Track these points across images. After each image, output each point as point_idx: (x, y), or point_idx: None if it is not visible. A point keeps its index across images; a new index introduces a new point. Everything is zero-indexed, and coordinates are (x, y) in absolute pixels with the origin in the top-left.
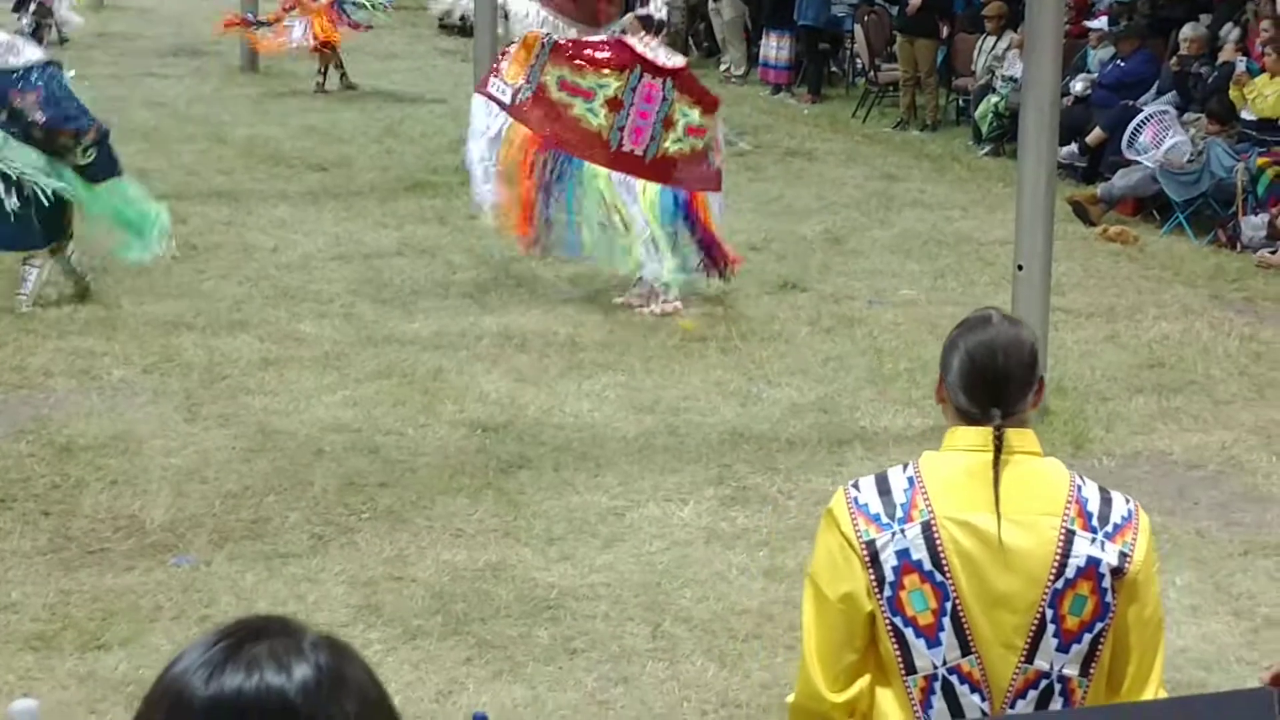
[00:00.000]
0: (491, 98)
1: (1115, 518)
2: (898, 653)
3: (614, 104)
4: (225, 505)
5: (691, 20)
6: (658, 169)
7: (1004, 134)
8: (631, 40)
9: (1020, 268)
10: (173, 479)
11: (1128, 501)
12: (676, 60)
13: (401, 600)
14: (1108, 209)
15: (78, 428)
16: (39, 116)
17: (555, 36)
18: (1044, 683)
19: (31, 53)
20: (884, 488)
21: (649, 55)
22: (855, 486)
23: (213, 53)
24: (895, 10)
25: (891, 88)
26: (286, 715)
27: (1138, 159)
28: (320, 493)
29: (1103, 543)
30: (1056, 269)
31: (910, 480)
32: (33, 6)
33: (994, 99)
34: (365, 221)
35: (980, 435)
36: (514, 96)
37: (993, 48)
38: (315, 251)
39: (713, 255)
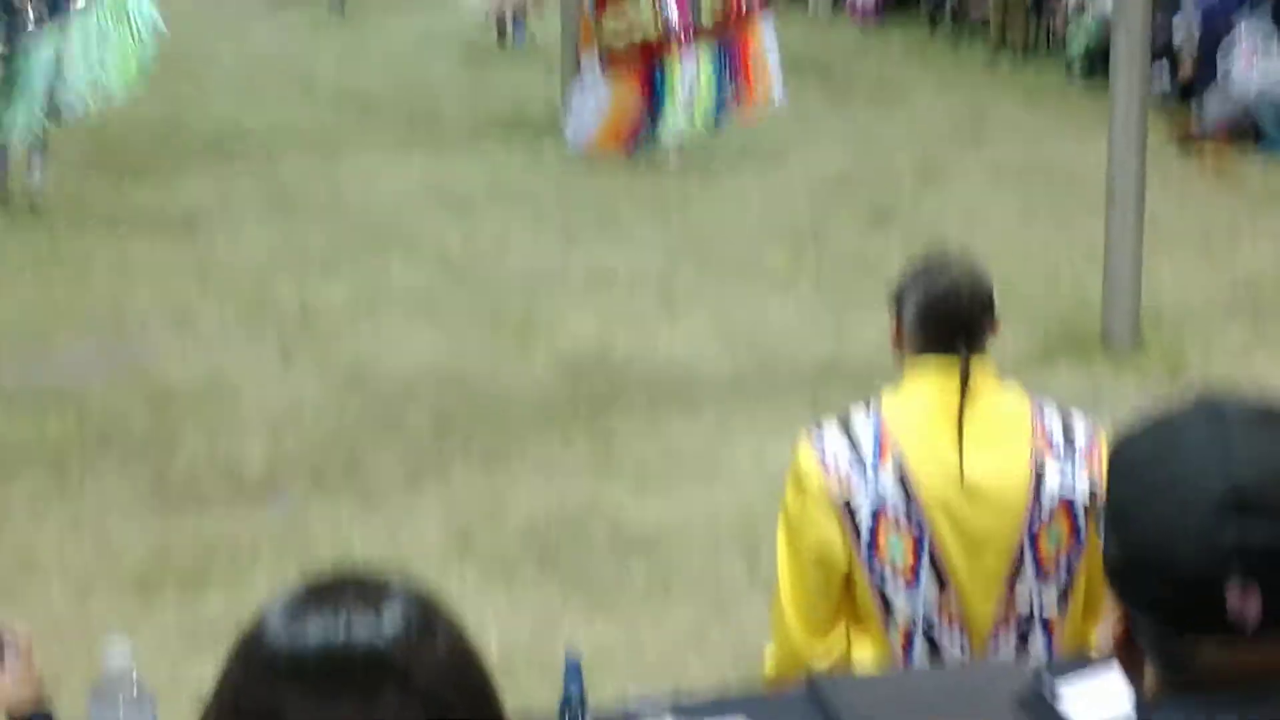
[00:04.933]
0: (588, 77)
1: (1080, 441)
2: (878, 601)
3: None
4: (321, 448)
5: None
6: (709, 31)
7: (1096, 62)
8: None
9: (1112, 195)
10: (268, 423)
11: (1086, 423)
12: None
13: (496, 540)
14: (1204, 136)
15: (174, 373)
16: None
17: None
18: (1024, 617)
19: None
20: (849, 435)
21: None
22: (820, 437)
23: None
24: None
25: (982, 24)
26: (378, 664)
27: (1230, 85)
28: (414, 434)
29: (1074, 472)
30: (1150, 195)
31: (876, 425)
32: None
33: (1086, 27)
34: (454, 164)
35: (940, 373)
36: (601, 62)
37: None
38: (405, 195)
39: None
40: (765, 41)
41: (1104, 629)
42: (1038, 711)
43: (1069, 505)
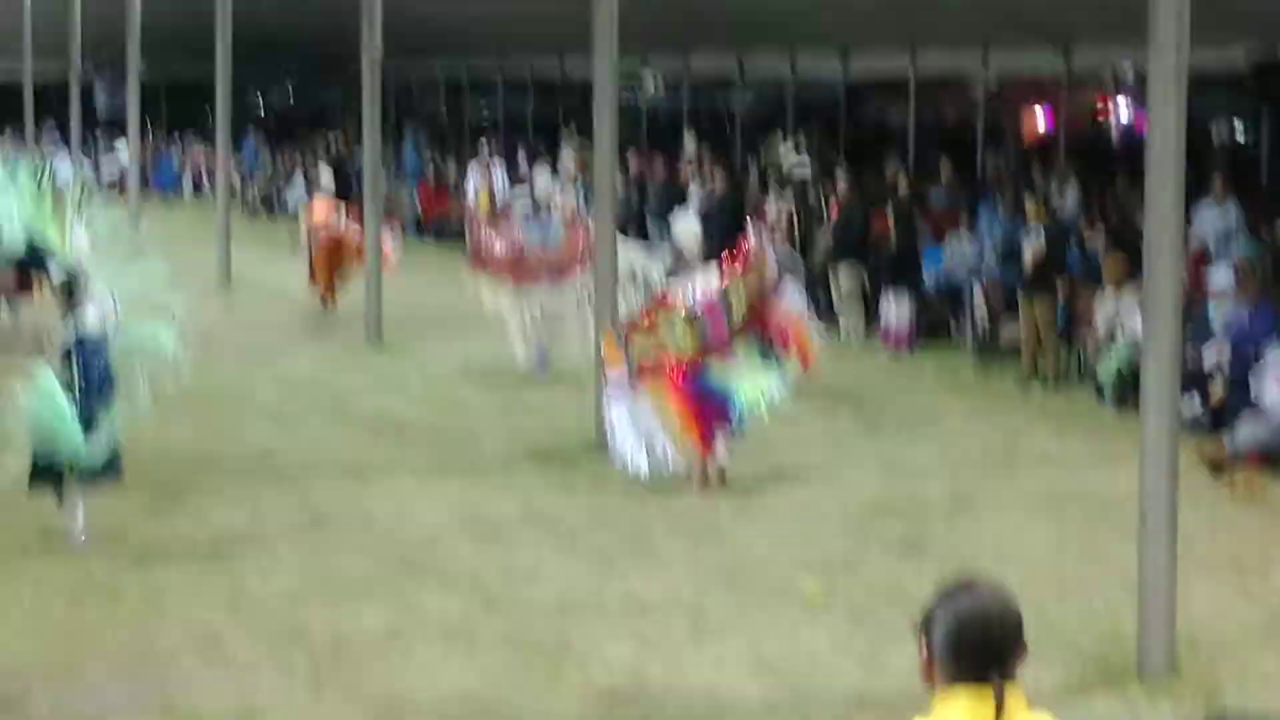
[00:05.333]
0: (618, 397)
1: None
2: None
3: (690, 321)
4: None
5: (811, 288)
6: (744, 330)
7: (1128, 389)
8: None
9: (1145, 522)
10: None
11: None
12: (709, 274)
13: None
14: (1236, 462)
15: (203, 705)
16: None
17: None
18: None
19: None
20: None
21: (687, 298)
22: None
23: (338, 328)
24: (1013, 270)
25: (1014, 352)
26: None
27: (1262, 411)
28: None
29: None
30: (1182, 521)
31: None
32: None
33: (1117, 355)
34: (488, 491)
35: (972, 699)
36: (631, 378)
37: (1115, 303)
38: (438, 522)
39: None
40: (792, 306)
41: None
42: None
43: None
